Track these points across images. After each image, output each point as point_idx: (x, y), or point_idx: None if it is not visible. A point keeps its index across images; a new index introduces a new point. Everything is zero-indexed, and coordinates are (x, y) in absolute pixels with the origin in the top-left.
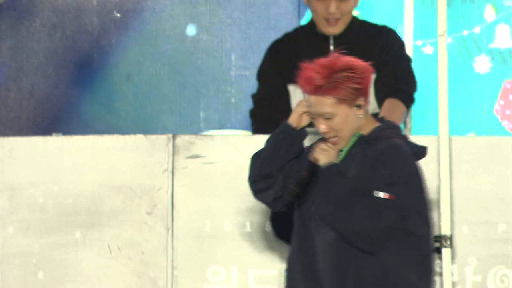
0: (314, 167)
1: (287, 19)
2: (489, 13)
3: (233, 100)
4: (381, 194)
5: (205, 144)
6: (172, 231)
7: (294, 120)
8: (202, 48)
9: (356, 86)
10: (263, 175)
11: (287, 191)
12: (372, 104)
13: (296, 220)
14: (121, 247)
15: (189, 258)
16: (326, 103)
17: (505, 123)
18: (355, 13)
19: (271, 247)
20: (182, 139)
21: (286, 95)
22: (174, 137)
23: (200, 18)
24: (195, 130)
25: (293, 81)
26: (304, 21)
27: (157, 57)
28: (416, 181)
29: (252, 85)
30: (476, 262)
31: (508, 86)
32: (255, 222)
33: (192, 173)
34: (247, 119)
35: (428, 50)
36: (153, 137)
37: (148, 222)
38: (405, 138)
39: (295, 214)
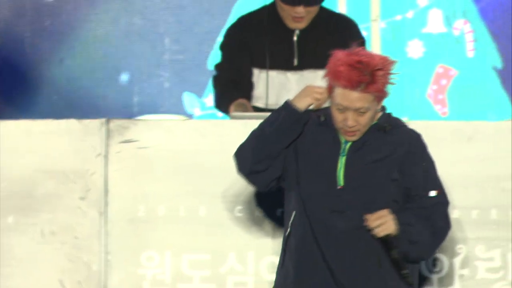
0: (388, 241)
1: (220, 3)
2: None
3: (167, 84)
4: (433, 193)
5: (139, 128)
6: (106, 215)
7: (301, 103)
8: (136, 32)
9: (390, 83)
10: (268, 156)
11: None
12: None
13: (293, 204)
14: (55, 232)
15: (122, 243)
16: (367, 99)
17: (438, 108)
18: None
19: (204, 232)
20: (115, 124)
21: (249, 71)
22: (107, 121)
23: (133, 2)
24: (128, 114)
25: (258, 65)
26: (239, 5)
27: (90, 40)
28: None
29: (186, 69)
30: None
31: (441, 70)
32: (189, 207)
33: (126, 158)
34: (180, 103)
35: None
36: (86, 121)
37: (82, 207)
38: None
39: (292, 197)
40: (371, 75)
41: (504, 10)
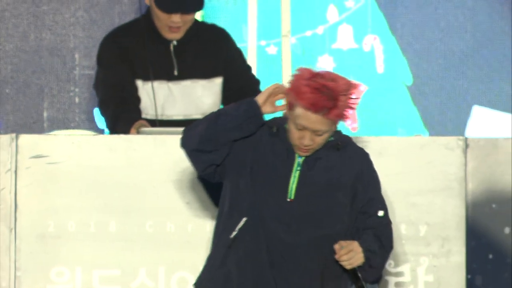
0: (355, 272)
1: (131, 18)
2: (332, 14)
3: (77, 99)
4: (381, 213)
5: (49, 143)
6: (15, 231)
7: (262, 102)
8: (45, 47)
9: (351, 107)
10: (216, 140)
11: None
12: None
13: (245, 210)
14: None
15: (32, 259)
16: (327, 123)
17: (348, 123)
18: (199, 14)
19: (115, 247)
20: (25, 139)
21: (134, 86)
22: (17, 137)
23: (43, 17)
24: (38, 129)
25: (140, 77)
26: None
27: (0, 56)
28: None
29: None
30: None
31: None
32: (99, 222)
33: (36, 173)
34: (91, 119)
35: (272, 50)
36: None
37: None
38: None
39: (245, 202)
40: (335, 100)
41: (414, 26)
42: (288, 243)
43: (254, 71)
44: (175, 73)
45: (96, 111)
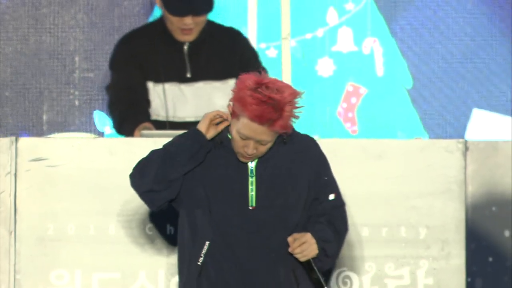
0: (310, 264)
1: (131, 21)
2: (332, 17)
3: (76, 102)
4: (332, 196)
5: (48, 146)
6: (15, 234)
7: (205, 129)
8: (45, 50)
9: (295, 117)
10: (168, 179)
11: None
12: None
13: (206, 234)
14: None
15: (32, 262)
16: (271, 134)
17: (347, 126)
18: None
19: (115, 250)
20: (25, 142)
21: (145, 88)
22: (16, 140)
23: (43, 20)
24: (38, 132)
25: (151, 78)
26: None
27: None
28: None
29: (96, 87)
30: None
31: (351, 89)
32: (98, 225)
33: (35, 176)
34: (91, 122)
35: (271, 53)
36: None
37: None
38: None
39: (205, 226)
40: (280, 111)
41: (413, 29)
42: (260, 250)
43: None
44: (188, 75)
45: (96, 114)
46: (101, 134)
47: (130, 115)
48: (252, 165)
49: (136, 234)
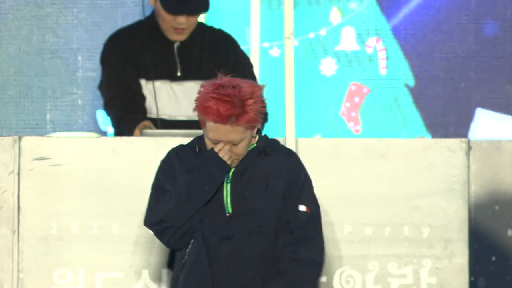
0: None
1: (134, 20)
2: (335, 16)
3: (79, 101)
4: (302, 208)
5: (52, 146)
6: (18, 233)
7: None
8: (48, 49)
9: (262, 109)
10: (198, 209)
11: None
12: None
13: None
14: None
15: (35, 261)
16: (239, 131)
17: (350, 125)
18: (202, 16)
19: (118, 250)
20: (28, 141)
21: (138, 83)
22: (20, 139)
23: (46, 19)
24: (41, 132)
25: (142, 76)
26: None
27: (2, 58)
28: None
29: None
30: None
31: (354, 88)
32: (101, 224)
33: (39, 175)
34: (94, 121)
35: (274, 52)
36: None
37: None
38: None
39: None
40: (241, 106)
41: (416, 29)
42: (231, 256)
43: (256, 74)
44: (178, 73)
45: (99, 113)
46: (104, 134)
47: (127, 115)
48: (229, 173)
49: (139, 233)
